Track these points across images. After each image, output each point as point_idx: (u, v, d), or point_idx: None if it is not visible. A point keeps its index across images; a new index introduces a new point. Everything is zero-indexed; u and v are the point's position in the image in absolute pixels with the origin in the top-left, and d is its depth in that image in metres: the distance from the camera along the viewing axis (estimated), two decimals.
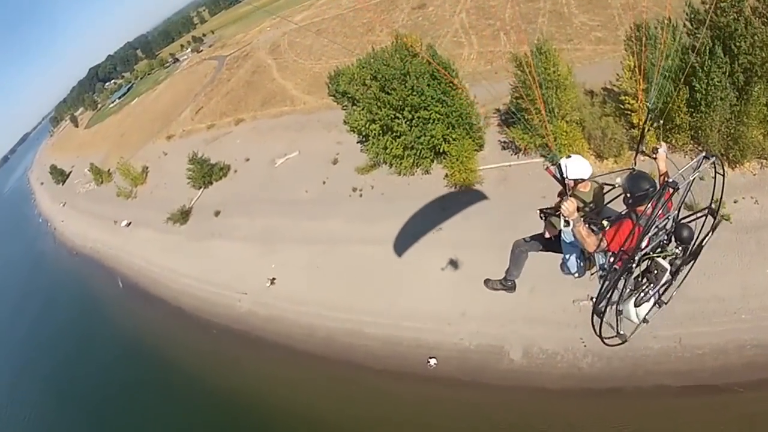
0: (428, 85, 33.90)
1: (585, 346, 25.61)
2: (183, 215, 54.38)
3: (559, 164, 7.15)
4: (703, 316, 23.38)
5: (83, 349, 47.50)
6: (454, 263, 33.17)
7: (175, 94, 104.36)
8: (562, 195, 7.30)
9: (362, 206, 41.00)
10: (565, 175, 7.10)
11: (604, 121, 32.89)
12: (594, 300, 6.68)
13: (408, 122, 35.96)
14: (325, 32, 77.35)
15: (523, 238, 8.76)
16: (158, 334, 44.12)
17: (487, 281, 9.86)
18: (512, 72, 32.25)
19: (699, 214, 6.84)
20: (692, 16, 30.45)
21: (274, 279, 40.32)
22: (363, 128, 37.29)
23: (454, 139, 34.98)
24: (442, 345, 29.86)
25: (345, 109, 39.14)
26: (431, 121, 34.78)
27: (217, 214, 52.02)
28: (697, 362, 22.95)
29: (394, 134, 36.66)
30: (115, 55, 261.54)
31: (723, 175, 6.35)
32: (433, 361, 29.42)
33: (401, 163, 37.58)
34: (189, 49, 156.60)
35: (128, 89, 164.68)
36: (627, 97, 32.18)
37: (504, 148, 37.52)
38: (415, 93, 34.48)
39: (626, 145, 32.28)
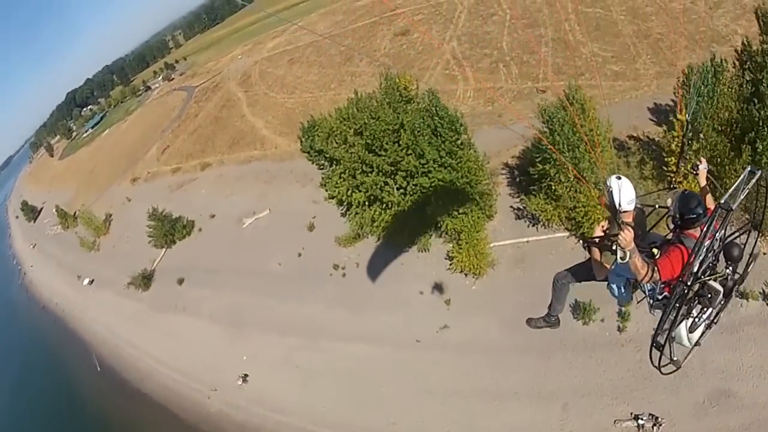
0: (429, 144, 26.83)
1: None
2: (145, 280, 48.28)
3: (610, 190, 6.27)
4: (758, 425, 19.86)
5: None
6: (464, 371, 26.45)
7: (143, 129, 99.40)
8: (610, 222, 6.86)
9: (346, 289, 33.91)
10: (617, 203, 6.20)
11: (643, 186, 26.45)
12: (654, 331, 6.31)
13: (401, 190, 28.98)
14: (299, 61, 70.47)
15: (564, 270, 7.92)
16: (120, 423, 37.81)
17: (529, 320, 8.93)
18: (537, 129, 25.30)
19: (744, 229, 6.38)
20: (747, 56, 24.20)
21: (246, 376, 33.84)
22: (344, 197, 30.25)
23: (460, 213, 27.91)
24: None
25: (321, 170, 31.87)
26: (432, 189, 27.71)
27: (180, 282, 45.72)
28: None
29: (384, 204, 29.63)
30: (93, 79, 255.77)
31: (767, 187, 6.10)
32: None
33: (392, 238, 30.44)
34: (161, 77, 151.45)
35: (101, 118, 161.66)
36: (672, 157, 25.67)
37: (519, 217, 30.68)
38: (411, 153, 27.50)
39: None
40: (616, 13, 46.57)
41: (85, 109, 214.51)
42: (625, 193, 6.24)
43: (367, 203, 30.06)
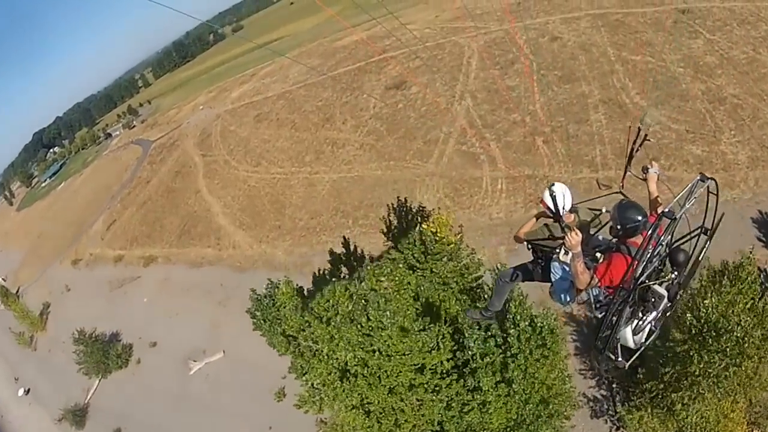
0: (491, 368, 14.04)
1: None
2: (77, 417, 39.36)
3: (554, 196, 6.25)
4: None
5: None
6: None
7: (94, 190, 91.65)
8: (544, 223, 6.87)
9: None
10: (561, 207, 6.25)
11: None
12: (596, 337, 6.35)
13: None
14: (268, 119, 57.75)
15: (508, 269, 7.71)
16: None
17: (468, 311, 9.66)
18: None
19: (692, 234, 5.95)
20: None
21: None
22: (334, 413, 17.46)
23: None
24: None
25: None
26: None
27: None
28: None
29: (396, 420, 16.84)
30: (63, 117, 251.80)
31: (717, 196, 5.78)
32: None
33: None
34: (121, 124, 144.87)
35: (60, 166, 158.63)
36: None
37: (596, 414, 19.70)
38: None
39: None
40: (673, 63, 35.94)
41: (50, 151, 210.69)
42: (566, 197, 6.27)
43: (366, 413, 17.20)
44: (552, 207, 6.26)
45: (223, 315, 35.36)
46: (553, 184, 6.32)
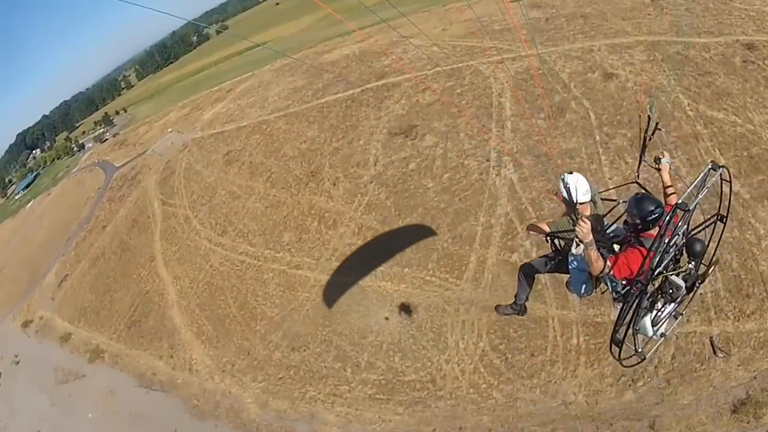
0: None
1: None
2: None
3: (567, 186, 6.59)
4: None
5: None
6: None
7: (54, 223, 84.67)
8: (569, 214, 7.00)
9: None
10: (575, 199, 6.58)
11: None
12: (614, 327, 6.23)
13: None
14: (239, 161, 46.29)
15: (529, 261, 8.28)
16: None
17: (497, 307, 9.17)
18: None
19: (708, 222, 6.33)
20: None
21: None
22: None
23: None
24: None
25: None
26: None
27: None
28: None
29: None
30: (49, 116, 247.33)
31: (730, 182, 6.04)
32: None
33: None
34: (93, 137, 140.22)
35: (35, 177, 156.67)
36: None
37: None
38: None
39: None
40: (761, 127, 26.54)
41: (31, 154, 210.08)
42: (581, 186, 6.52)
43: None
44: (566, 197, 6.43)
45: None
46: (569, 173, 6.48)
